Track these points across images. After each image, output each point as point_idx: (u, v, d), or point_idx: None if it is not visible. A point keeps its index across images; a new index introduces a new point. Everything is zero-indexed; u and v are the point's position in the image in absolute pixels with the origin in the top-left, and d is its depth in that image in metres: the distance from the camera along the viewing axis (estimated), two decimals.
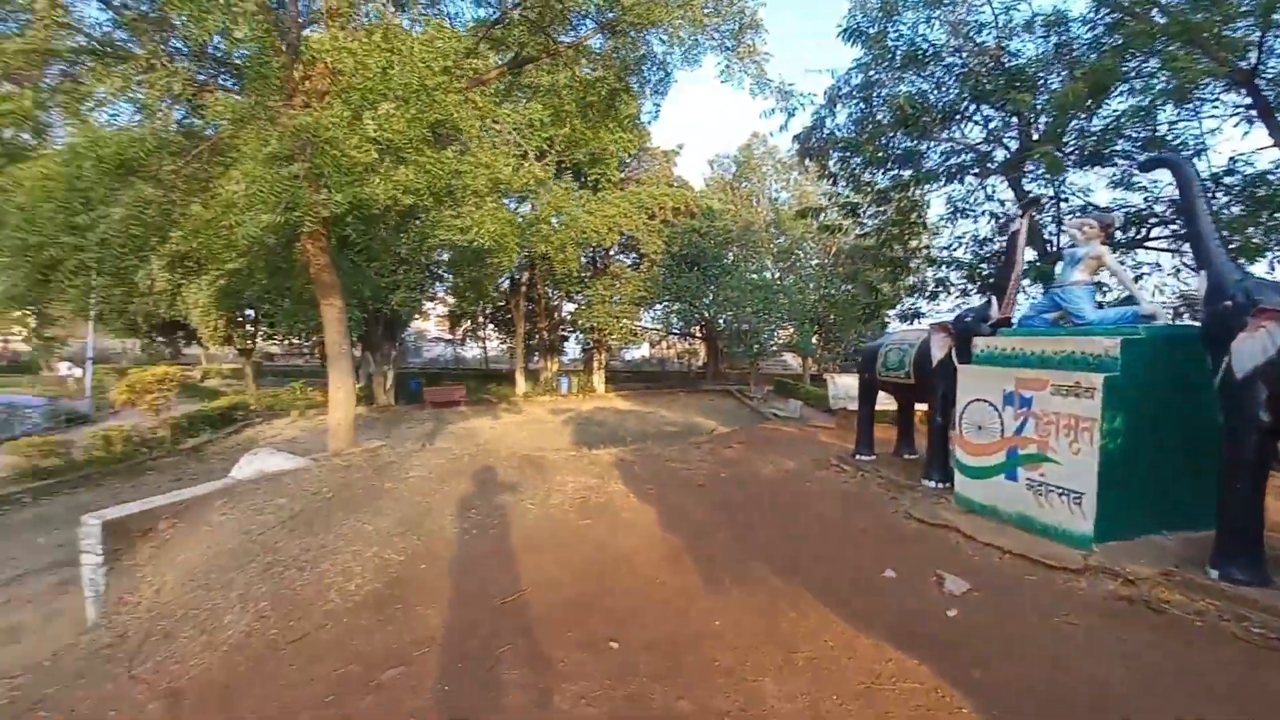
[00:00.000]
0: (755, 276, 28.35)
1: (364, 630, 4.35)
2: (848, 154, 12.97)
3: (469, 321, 35.89)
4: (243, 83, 6.73)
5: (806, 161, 16.01)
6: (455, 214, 7.36)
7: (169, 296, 14.43)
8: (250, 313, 22.43)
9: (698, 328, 34.12)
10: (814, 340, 28.72)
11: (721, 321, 30.84)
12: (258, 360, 26.22)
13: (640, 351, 44.58)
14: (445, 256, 21.17)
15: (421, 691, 3.48)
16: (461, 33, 7.65)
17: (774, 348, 30.54)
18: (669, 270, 27.87)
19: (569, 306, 31.82)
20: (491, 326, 37.17)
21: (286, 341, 29.11)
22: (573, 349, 37.13)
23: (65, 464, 10.62)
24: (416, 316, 31.50)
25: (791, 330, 28.34)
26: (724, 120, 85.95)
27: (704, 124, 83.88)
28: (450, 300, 31.35)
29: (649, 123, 13.09)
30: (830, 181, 14.02)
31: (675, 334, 36.27)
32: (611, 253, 29.20)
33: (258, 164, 5.60)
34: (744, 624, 4.11)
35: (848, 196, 13.76)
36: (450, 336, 41.49)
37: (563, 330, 32.75)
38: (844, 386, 16.36)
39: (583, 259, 26.42)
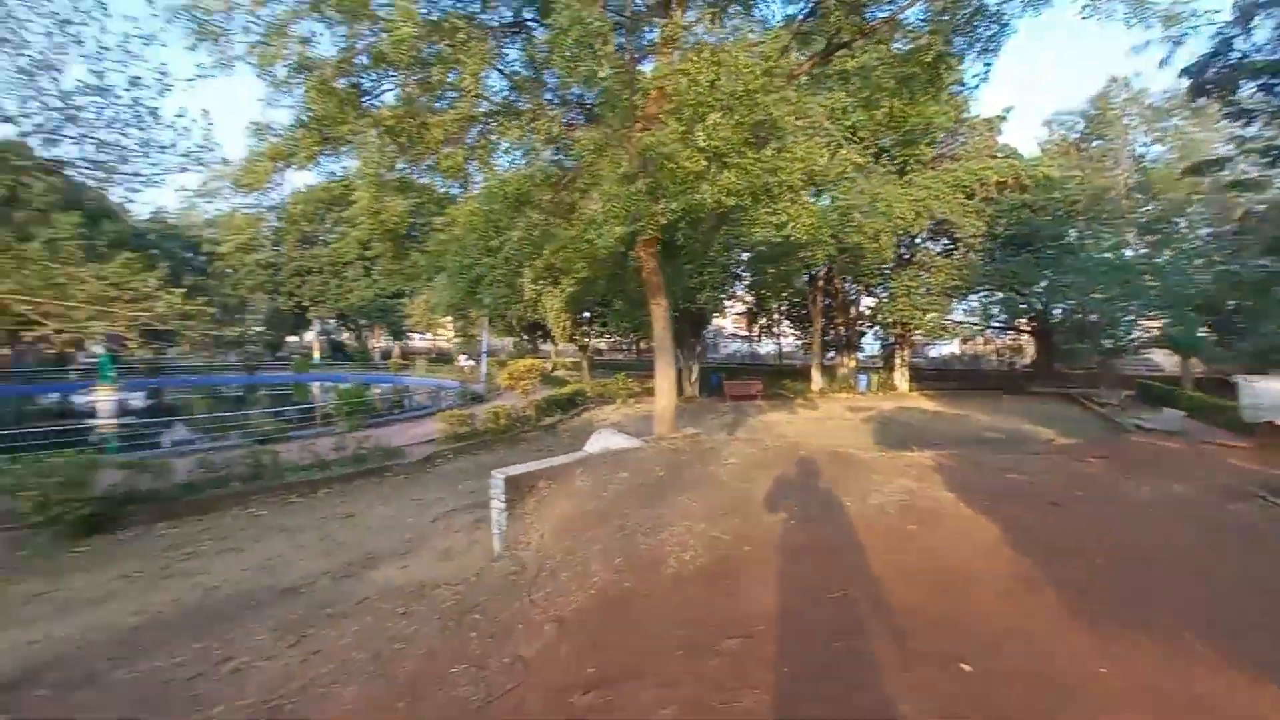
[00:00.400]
0: (1110, 255, 22.87)
1: (701, 599, 4.76)
2: (1273, 80, 9.63)
3: (765, 318, 36.61)
4: (597, 118, 7.96)
5: (1199, 100, 12.39)
6: (771, 211, 7.58)
7: (532, 302, 17.99)
8: (586, 315, 26.62)
9: (1025, 319, 29.08)
10: (1202, 333, 21.96)
11: (1058, 311, 25.76)
12: (590, 355, 30.92)
13: (949, 348, 39.99)
14: (745, 256, 21.97)
15: (763, 666, 3.66)
16: (777, 31, 7.82)
17: (1135, 343, 24.26)
18: (990, 254, 24.28)
19: (868, 300, 30.17)
20: (786, 323, 37.33)
21: (613, 339, 33.86)
22: (871, 345, 35.17)
23: (470, 431, 14.06)
24: (716, 314, 33.28)
25: (1163, 321, 22.18)
26: (1065, 72, 71.35)
27: (1039, 80, 70.79)
28: (748, 298, 32.43)
29: (975, 87, 11.60)
30: (1240, 122, 10.58)
31: (996, 327, 31.53)
32: (918, 240, 26.72)
33: (613, 184, 6.62)
34: (1147, 680, 3.35)
35: (1271, 139, 10.25)
36: (746, 333, 42.93)
37: (861, 325, 31.23)
38: (1269, 393, 12.15)
39: None
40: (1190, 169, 13.74)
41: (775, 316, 36.49)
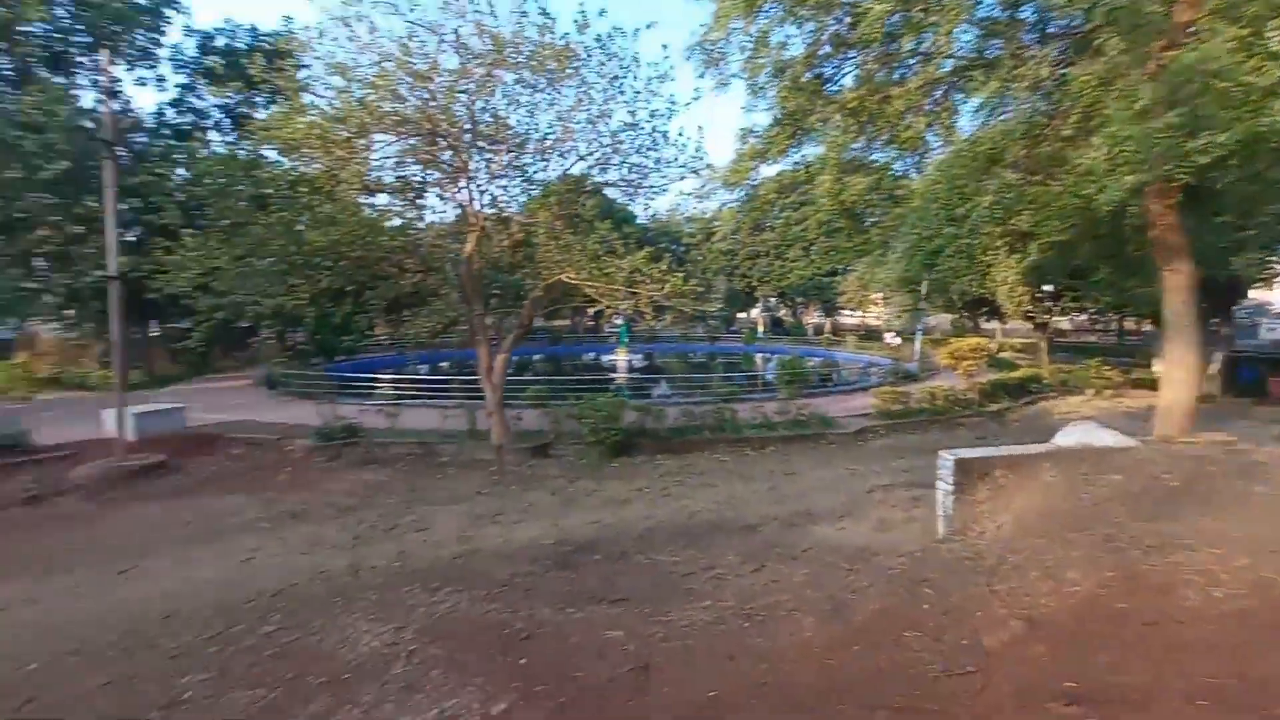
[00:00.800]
0: None
1: (1240, 648, 3.75)
2: None
3: None
4: (1091, 48, 6.57)
5: None
6: None
7: (980, 275, 16.16)
8: (1048, 288, 22.42)
9: None
10: None
11: None
12: (1049, 335, 26.04)
13: None
14: None
15: None
16: None
17: None
18: None
19: None
20: None
21: (1081, 317, 27.77)
22: None
23: (904, 410, 13.68)
24: (1258, 284, 24.01)
25: None
26: None
27: None
28: None
29: None
30: None
31: None
32: None
33: (1124, 124, 5.38)
34: None
35: None
36: None
37: None
38: None
39: None
40: None
41: None
